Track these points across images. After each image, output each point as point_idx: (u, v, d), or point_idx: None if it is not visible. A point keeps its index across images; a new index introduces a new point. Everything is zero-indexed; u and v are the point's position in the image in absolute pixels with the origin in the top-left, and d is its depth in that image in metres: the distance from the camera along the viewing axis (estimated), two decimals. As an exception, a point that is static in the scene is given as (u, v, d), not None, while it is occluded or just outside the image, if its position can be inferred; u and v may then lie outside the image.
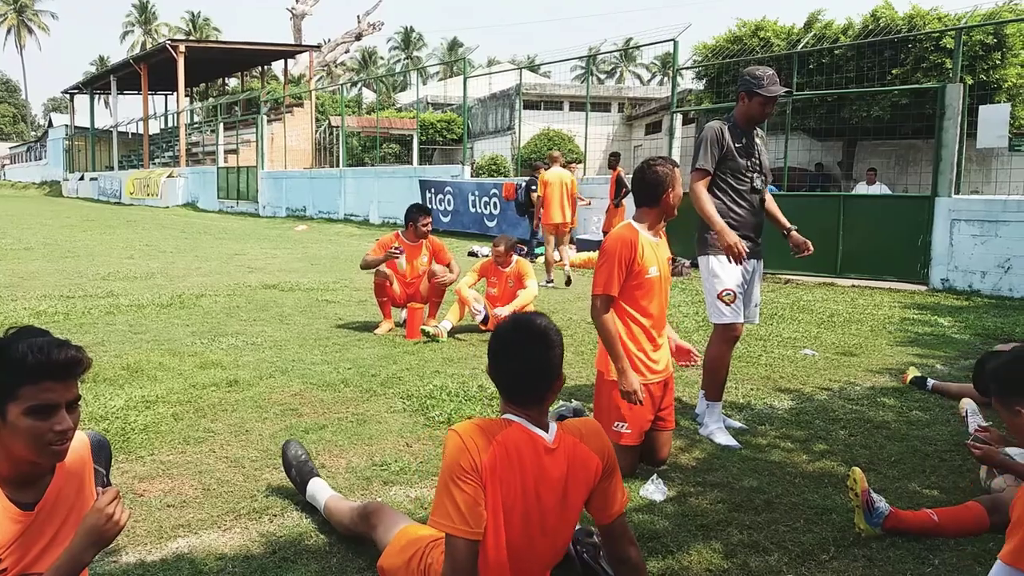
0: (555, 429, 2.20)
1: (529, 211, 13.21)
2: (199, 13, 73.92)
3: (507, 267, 6.82)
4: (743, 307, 4.15)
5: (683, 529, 2.96)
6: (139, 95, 37.70)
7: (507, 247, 6.78)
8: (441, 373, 5.25)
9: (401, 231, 6.86)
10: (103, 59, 73.07)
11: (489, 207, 16.47)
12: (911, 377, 5.17)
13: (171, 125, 40.66)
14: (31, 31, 79.60)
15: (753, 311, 4.34)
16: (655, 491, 3.27)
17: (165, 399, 4.45)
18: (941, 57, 14.74)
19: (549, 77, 33.68)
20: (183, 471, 3.44)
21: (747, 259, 4.00)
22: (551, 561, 2.27)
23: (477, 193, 16.90)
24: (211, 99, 44.93)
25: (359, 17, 38.83)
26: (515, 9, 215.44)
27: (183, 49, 32.80)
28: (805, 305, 8.53)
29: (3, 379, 1.78)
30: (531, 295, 6.68)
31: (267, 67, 40.57)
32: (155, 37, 70.94)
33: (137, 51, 55.80)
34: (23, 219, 21.20)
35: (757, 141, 4.18)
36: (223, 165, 29.91)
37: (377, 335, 6.47)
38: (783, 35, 17.50)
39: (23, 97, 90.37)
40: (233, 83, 47.42)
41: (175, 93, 36.68)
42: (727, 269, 4.04)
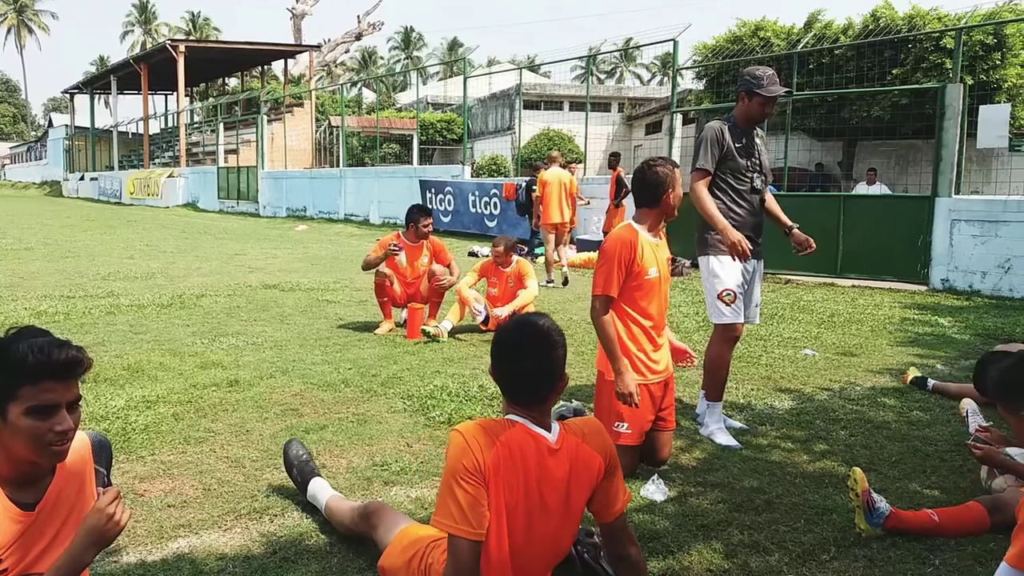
0: (558, 429, 2.20)
1: (530, 211, 13.22)
2: (199, 13, 74.02)
3: (507, 267, 6.82)
4: (743, 307, 4.15)
5: (684, 529, 2.97)
6: (139, 95, 37.73)
7: (507, 247, 6.78)
8: (442, 373, 5.25)
9: (402, 231, 6.87)
10: (103, 59, 73.11)
11: (489, 207, 16.47)
12: (911, 377, 5.17)
13: (171, 125, 40.68)
14: (31, 31, 79.66)
15: (753, 311, 4.34)
16: (656, 491, 3.27)
17: (166, 399, 4.45)
18: (941, 57, 14.75)
19: (549, 77, 33.69)
20: (184, 471, 3.44)
21: (747, 259, 4.00)
22: (553, 561, 2.27)
23: (477, 193, 16.90)
24: (211, 99, 44.93)
25: (359, 17, 38.87)
26: (515, 9, 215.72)
27: (183, 49, 32.82)
28: (805, 305, 8.53)
29: (3, 379, 1.78)
30: (531, 295, 6.68)
31: (267, 67, 40.58)
32: (155, 37, 70.97)
33: (137, 51, 55.78)
34: (23, 219, 21.20)
35: (757, 141, 4.18)
36: (223, 165, 29.91)
37: (377, 335, 6.47)
38: (783, 35, 17.51)
39: (23, 97, 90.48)
40: (233, 83, 47.44)
41: (175, 93, 36.69)
42: (727, 269, 4.04)
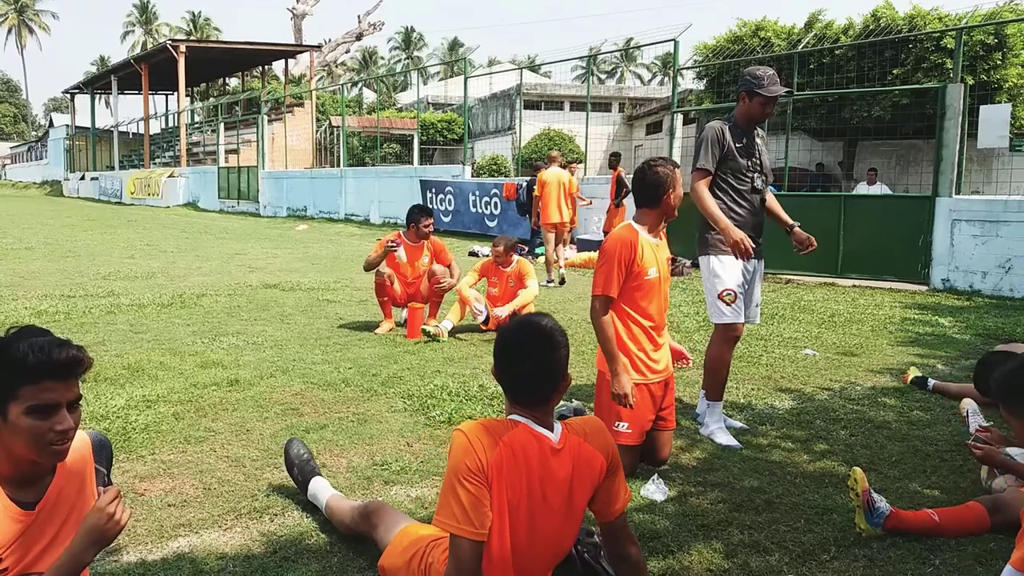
0: (560, 429, 2.20)
1: (530, 210, 13.22)
2: (200, 13, 73.97)
3: (507, 267, 6.82)
4: (744, 307, 4.14)
5: (684, 529, 2.97)
6: (140, 95, 37.74)
7: (506, 247, 6.78)
8: (442, 373, 5.25)
9: (403, 231, 6.88)
10: (104, 59, 73.13)
11: (490, 207, 16.48)
12: (912, 377, 5.17)
13: (172, 125, 40.68)
14: (32, 31, 79.68)
15: (754, 311, 4.34)
16: (656, 491, 3.27)
17: (166, 398, 4.45)
18: (942, 57, 14.73)
19: (550, 77, 33.65)
20: (184, 470, 3.44)
21: (750, 258, 4.00)
22: (554, 561, 2.27)
23: (478, 193, 16.90)
24: (212, 99, 44.93)
25: (360, 17, 38.87)
26: (515, 9, 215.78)
27: (184, 49, 32.81)
28: (806, 305, 8.53)
29: (4, 379, 1.78)
30: (531, 295, 6.68)
31: (268, 67, 40.53)
32: (156, 37, 70.98)
33: (138, 51, 55.81)
34: (24, 219, 21.20)
35: (758, 141, 4.18)
36: (224, 165, 29.90)
37: (378, 335, 6.47)
38: (784, 35, 17.49)
39: (24, 97, 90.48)
40: (234, 83, 47.43)
41: (176, 93, 36.68)
42: (728, 269, 4.04)
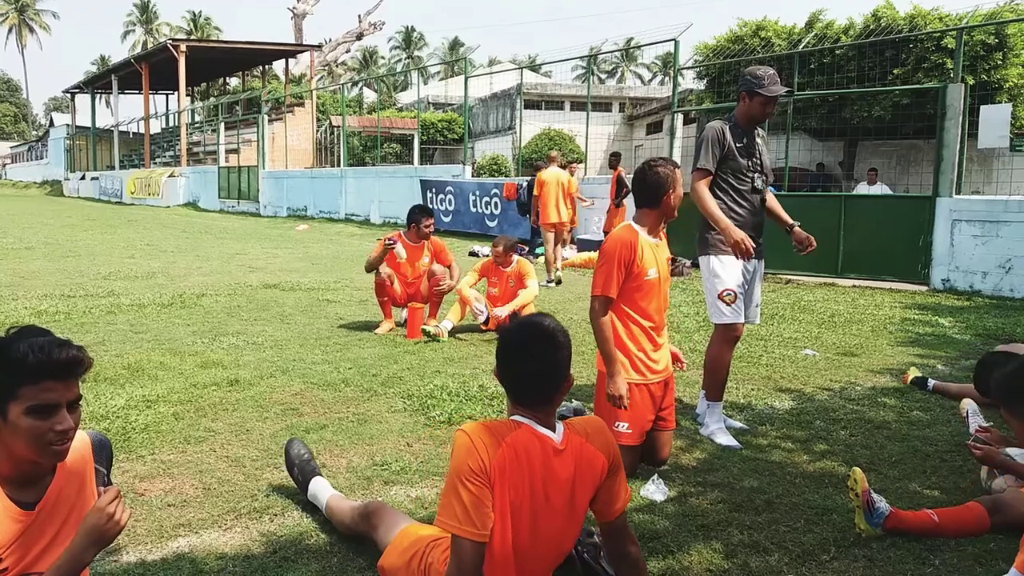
0: (562, 429, 2.20)
1: (530, 210, 13.23)
2: (200, 12, 73.90)
3: (507, 267, 6.82)
4: (744, 307, 4.14)
5: (684, 529, 2.97)
6: (140, 94, 37.73)
7: (506, 247, 6.78)
8: (442, 373, 5.26)
9: (403, 231, 6.88)
10: (104, 58, 73.13)
11: (490, 207, 16.47)
12: (912, 377, 5.17)
13: (172, 125, 40.70)
14: (32, 30, 79.66)
15: (754, 311, 4.34)
16: (656, 491, 3.27)
17: (166, 398, 4.45)
18: (942, 57, 14.72)
19: (550, 77, 33.61)
20: (184, 470, 3.44)
21: (751, 258, 4.00)
22: (555, 561, 2.27)
23: (478, 193, 16.90)
24: (212, 99, 44.91)
25: (360, 17, 38.89)
26: (515, 9, 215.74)
27: (184, 48, 32.82)
28: (806, 305, 8.53)
29: (4, 379, 1.78)
30: (531, 295, 6.67)
31: (268, 67, 40.55)
32: (156, 37, 70.98)
33: (138, 51, 55.73)
34: (24, 218, 21.21)
35: (758, 141, 4.18)
36: (224, 165, 29.90)
37: (378, 335, 6.47)
38: (784, 35, 17.48)
39: (24, 96, 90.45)
40: (234, 82, 47.41)
41: (176, 92, 36.69)
42: (728, 269, 4.04)
